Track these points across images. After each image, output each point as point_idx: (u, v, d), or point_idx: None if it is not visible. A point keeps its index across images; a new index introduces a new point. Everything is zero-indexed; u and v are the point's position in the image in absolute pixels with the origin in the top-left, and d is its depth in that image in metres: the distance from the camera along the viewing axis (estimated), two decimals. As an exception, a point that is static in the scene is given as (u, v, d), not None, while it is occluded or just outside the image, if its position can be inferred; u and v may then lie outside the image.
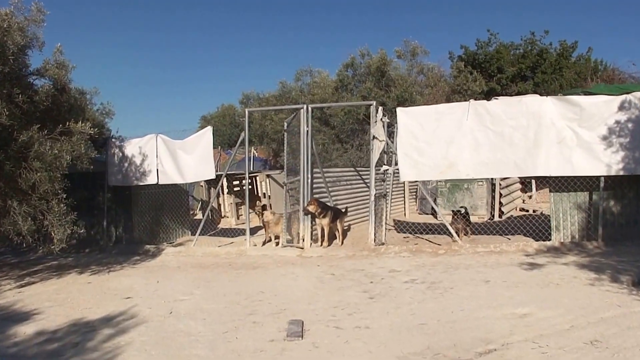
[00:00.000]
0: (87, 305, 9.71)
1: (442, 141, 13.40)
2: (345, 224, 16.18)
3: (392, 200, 20.34)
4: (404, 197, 23.08)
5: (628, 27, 66.41)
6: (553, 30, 51.25)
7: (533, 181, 22.42)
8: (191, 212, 22.08)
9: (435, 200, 20.97)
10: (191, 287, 10.75)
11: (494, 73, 33.26)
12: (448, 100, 23.71)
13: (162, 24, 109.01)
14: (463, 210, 15.28)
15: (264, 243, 16.08)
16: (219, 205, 23.75)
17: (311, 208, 14.36)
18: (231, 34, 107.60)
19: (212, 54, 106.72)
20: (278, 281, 11.02)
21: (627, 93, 12.44)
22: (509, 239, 13.92)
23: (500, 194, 20.55)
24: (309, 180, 14.81)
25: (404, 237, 15.63)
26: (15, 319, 8.98)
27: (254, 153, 29.87)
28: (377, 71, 25.69)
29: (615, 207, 12.93)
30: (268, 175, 21.91)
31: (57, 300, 10.25)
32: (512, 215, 19.78)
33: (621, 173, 12.38)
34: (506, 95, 21.65)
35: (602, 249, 12.31)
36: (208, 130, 15.76)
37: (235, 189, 23.29)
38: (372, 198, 14.30)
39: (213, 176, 15.90)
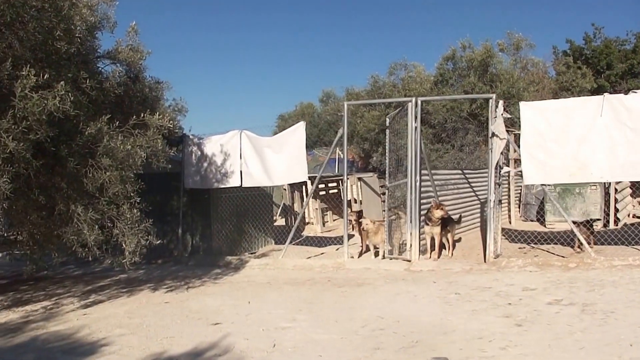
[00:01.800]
0: (167, 333, 8.12)
1: (573, 140, 12.10)
2: (456, 234, 14.75)
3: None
4: (509, 202, 21.07)
5: None
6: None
7: None
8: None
9: (542, 206, 19.99)
10: (291, 310, 9.19)
11: (603, 69, 31.70)
12: (555, 98, 21.79)
13: (238, 24, 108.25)
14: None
15: (360, 254, 14.73)
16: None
17: (440, 213, 13.16)
18: (316, 29, 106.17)
19: (292, 51, 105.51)
20: (395, 302, 9.44)
21: None
22: (638, 250, 12.54)
23: (616, 199, 18.93)
24: (418, 184, 13.25)
25: (519, 248, 14.26)
26: (79, 352, 7.46)
27: (339, 154, 28.36)
28: (480, 65, 23.95)
29: None
30: (359, 178, 20.51)
31: (130, 326, 8.69)
32: (626, 223, 18.31)
33: None
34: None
35: None
36: (301, 126, 14.29)
37: (321, 192, 21.84)
38: (491, 204, 12.83)
39: (306, 178, 14.72)
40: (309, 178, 15.83)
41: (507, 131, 12.76)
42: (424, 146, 15.22)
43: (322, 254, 15.12)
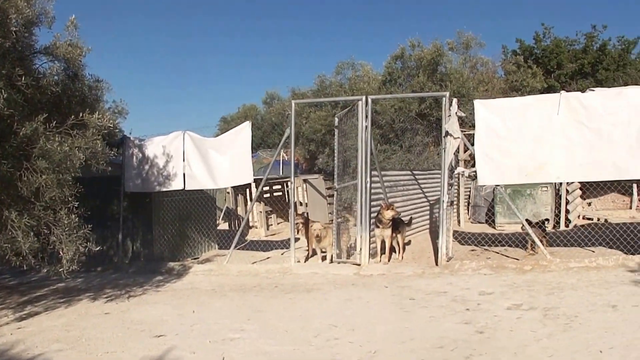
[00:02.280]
0: (108, 347, 7.71)
1: (529, 139, 12.03)
2: (406, 236, 14.57)
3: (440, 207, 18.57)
4: (458, 203, 21.05)
5: None
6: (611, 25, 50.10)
7: (635, 185, 20.68)
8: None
9: (492, 208, 20.12)
10: (239, 320, 8.83)
11: (553, 69, 32.12)
12: (505, 97, 21.84)
13: (179, 26, 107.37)
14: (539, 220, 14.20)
15: (307, 258, 14.46)
16: (246, 213, 21.58)
17: (391, 214, 12.96)
18: (259, 30, 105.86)
19: (235, 52, 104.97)
20: (347, 309, 9.15)
21: None
22: (593, 252, 12.79)
23: (567, 201, 19.22)
24: (368, 185, 13.06)
25: (471, 250, 14.35)
26: (12, 371, 6.97)
27: (283, 156, 28.12)
28: (429, 64, 23.80)
29: None
30: (305, 180, 20.28)
31: (68, 340, 8.23)
32: (576, 224, 18.79)
33: None
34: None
35: None
36: (246, 127, 13.97)
37: (266, 195, 21.52)
38: (444, 205, 12.70)
39: (251, 180, 14.30)
40: (254, 180, 15.51)
41: (465, 132, 12.71)
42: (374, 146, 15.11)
43: (267, 258, 14.94)
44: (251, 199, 21.50)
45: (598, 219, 20.37)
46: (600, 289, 9.29)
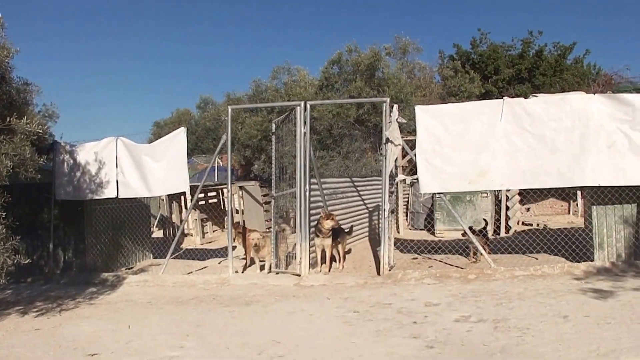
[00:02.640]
0: (38, 369, 7.26)
1: (472, 146, 11.98)
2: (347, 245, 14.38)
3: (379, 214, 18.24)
4: (397, 210, 20.91)
5: (621, 30, 67.80)
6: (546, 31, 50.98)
7: (579, 192, 20.85)
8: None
9: (431, 214, 20.10)
10: (177, 336, 8.43)
11: (490, 74, 32.34)
12: (443, 103, 21.85)
13: (111, 29, 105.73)
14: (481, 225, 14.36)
15: (244, 268, 14.18)
16: (181, 221, 21.11)
17: (330, 224, 12.70)
18: (193, 34, 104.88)
19: (168, 56, 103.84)
20: (290, 324, 8.83)
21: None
22: (537, 259, 12.85)
23: (507, 207, 19.39)
24: (307, 193, 12.80)
25: (412, 259, 14.12)
26: None
27: (218, 162, 27.74)
28: (367, 69, 23.59)
29: None
30: (241, 187, 19.98)
31: (-6, 360, 7.82)
32: (516, 231, 18.86)
33: None
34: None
35: None
36: (181, 132, 13.67)
37: (201, 202, 21.08)
38: (386, 214, 12.44)
39: (187, 188, 13.85)
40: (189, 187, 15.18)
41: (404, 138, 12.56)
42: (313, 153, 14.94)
43: (204, 268, 14.68)
44: (186, 207, 21.17)
45: (537, 225, 20.45)
46: (549, 299, 9.19)
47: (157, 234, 20.78)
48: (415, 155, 12.37)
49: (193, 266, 14.86)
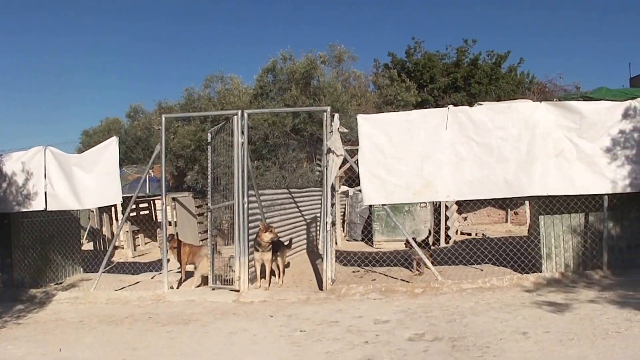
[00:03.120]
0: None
1: (416, 156, 11.85)
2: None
3: (317, 225, 18.51)
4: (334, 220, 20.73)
5: (554, 39, 70.70)
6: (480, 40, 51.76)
7: (527, 202, 20.90)
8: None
9: (370, 225, 19.89)
10: (114, 360, 7.88)
11: (426, 83, 32.23)
12: (379, 112, 21.68)
13: (35, 34, 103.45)
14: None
15: (180, 283, 13.75)
16: (112, 234, 20.60)
17: (270, 236, 12.33)
18: (123, 40, 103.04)
19: (97, 64, 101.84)
20: (233, 345, 8.35)
21: (632, 99, 11.72)
22: (482, 270, 12.71)
23: (447, 217, 19.37)
24: (246, 205, 12.43)
25: (353, 272, 13.88)
26: None
27: (149, 172, 27.10)
28: (302, 77, 23.26)
29: (616, 229, 11.93)
30: (174, 199, 19.46)
31: None
32: (455, 241, 19.05)
33: (628, 190, 11.35)
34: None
35: (611, 278, 11.18)
36: (113, 142, 13.16)
37: (132, 214, 20.67)
38: (328, 227, 12.15)
39: (120, 200, 13.31)
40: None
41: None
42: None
43: (137, 283, 14.23)
44: (117, 218, 20.62)
45: (476, 234, 20.63)
46: (503, 313, 8.99)
47: (87, 246, 20.13)
48: (357, 165, 12.13)
49: (126, 281, 14.35)
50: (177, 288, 13.33)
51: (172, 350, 8.22)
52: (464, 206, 22.60)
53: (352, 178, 21.47)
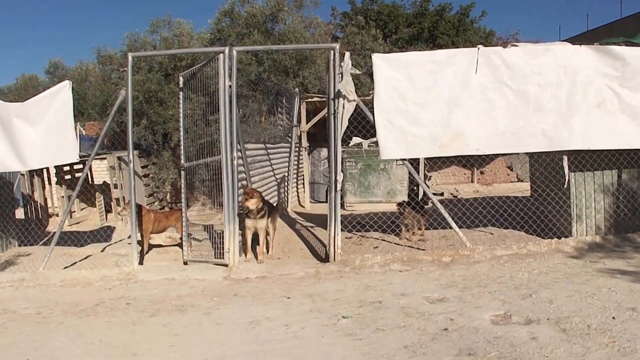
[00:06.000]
0: None
1: (443, 103, 10.46)
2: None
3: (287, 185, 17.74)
4: (303, 181, 19.95)
5: None
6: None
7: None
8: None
9: (342, 184, 18.09)
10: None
11: (390, 33, 30.95)
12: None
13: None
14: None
15: (142, 256, 11.61)
16: (45, 200, 18.57)
17: (252, 203, 10.59)
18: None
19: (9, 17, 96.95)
20: (267, 343, 6.22)
21: (677, 45, 10.78)
22: (492, 234, 11.74)
23: (426, 176, 18.42)
24: (235, 162, 10.63)
25: (346, 238, 12.41)
26: None
27: (80, 130, 24.62)
28: (264, 22, 20.99)
29: None
30: (120, 158, 17.45)
31: None
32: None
33: None
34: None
35: None
36: (65, 88, 10.85)
37: (67, 177, 18.55)
38: (338, 186, 10.70)
39: (77, 158, 11.07)
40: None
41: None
42: (193, 118, 12.72)
43: (88, 257, 11.95)
44: (50, 182, 18.32)
45: (450, 194, 20.31)
46: (577, 285, 7.75)
47: (18, 214, 17.70)
48: (372, 114, 10.59)
49: (74, 255, 12.09)
50: (141, 263, 11.15)
51: (191, 356, 6.08)
52: (429, 165, 21.34)
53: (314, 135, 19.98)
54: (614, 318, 6.20)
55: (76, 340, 6.67)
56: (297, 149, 18.68)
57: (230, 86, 10.73)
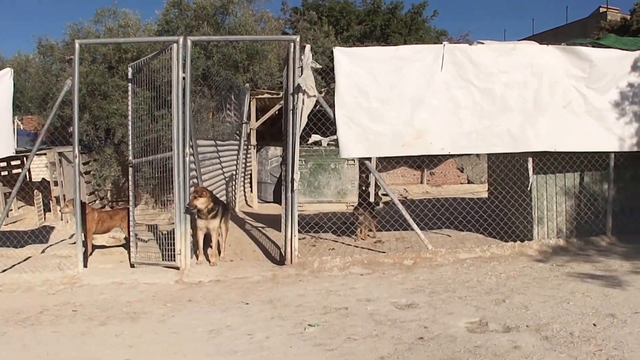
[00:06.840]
0: None
1: (406, 100, 10.23)
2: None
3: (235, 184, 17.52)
4: (250, 180, 19.73)
5: None
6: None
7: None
8: None
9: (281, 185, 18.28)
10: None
11: (342, 30, 30.89)
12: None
13: None
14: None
15: (85, 259, 10.73)
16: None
17: (201, 202, 10.04)
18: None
19: None
20: (232, 354, 5.85)
21: (642, 49, 11.19)
22: (450, 236, 11.80)
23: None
24: (187, 158, 10.05)
25: (300, 239, 11.42)
26: None
27: (18, 125, 23.78)
28: (214, 14, 20.53)
29: (618, 192, 11.22)
30: (61, 154, 16.72)
31: None
32: (386, 202, 17.84)
33: (635, 149, 10.75)
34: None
35: (620, 245, 10.46)
36: (6, 75, 10.21)
37: (3, 173, 17.98)
38: (296, 185, 10.36)
39: (13, 151, 10.60)
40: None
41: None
42: (139, 113, 12.33)
43: (27, 259, 11.23)
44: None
45: (401, 195, 20.08)
46: (550, 290, 7.64)
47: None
48: (333, 111, 10.24)
49: (12, 257, 11.39)
50: (85, 266, 10.42)
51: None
52: (380, 165, 21.27)
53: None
54: (595, 325, 6.04)
55: (20, 354, 6.04)
56: (245, 146, 18.20)
57: (184, 78, 10.22)
